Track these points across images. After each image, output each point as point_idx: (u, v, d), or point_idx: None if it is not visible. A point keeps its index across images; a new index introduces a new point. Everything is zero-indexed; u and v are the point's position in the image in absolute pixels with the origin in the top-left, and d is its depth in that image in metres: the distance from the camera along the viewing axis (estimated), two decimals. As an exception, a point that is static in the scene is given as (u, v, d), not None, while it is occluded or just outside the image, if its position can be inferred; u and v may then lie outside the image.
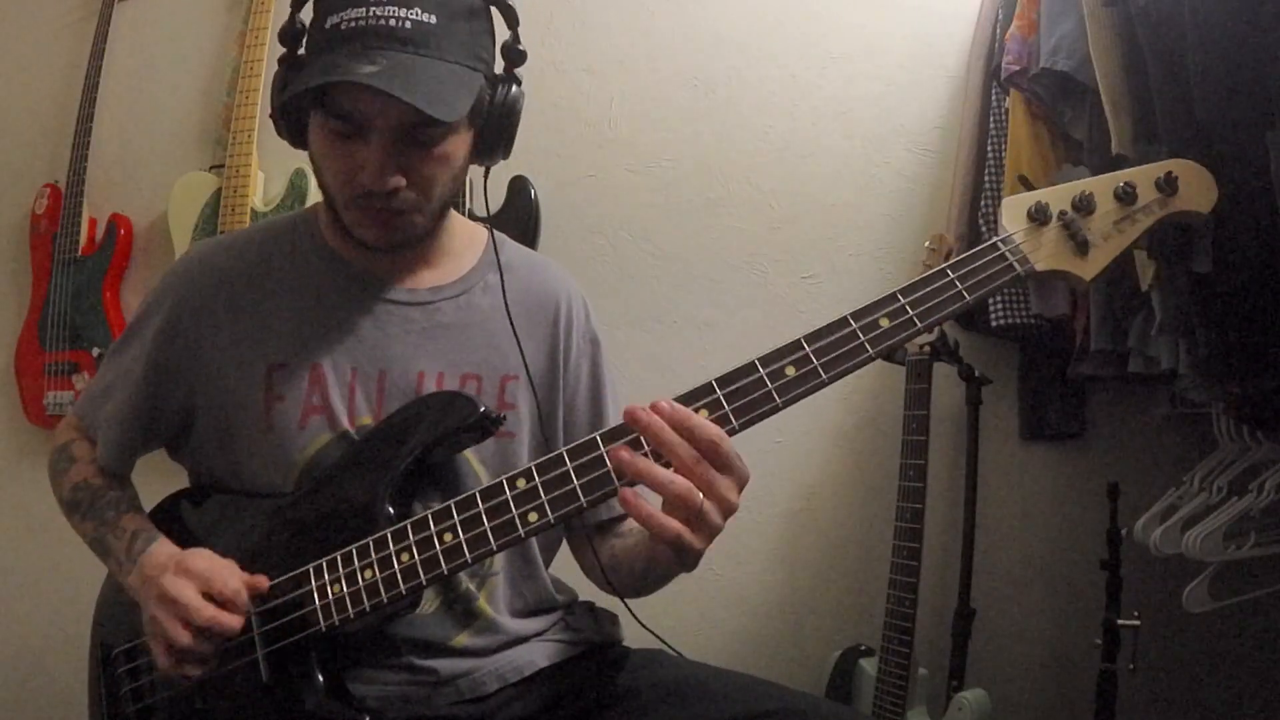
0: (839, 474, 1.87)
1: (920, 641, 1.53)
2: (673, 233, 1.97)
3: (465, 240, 1.08)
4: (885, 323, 0.80)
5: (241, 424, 0.99)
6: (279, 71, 0.96)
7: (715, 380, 0.80)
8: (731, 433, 0.79)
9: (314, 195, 2.02)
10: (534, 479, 0.81)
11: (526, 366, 1.03)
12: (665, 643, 1.06)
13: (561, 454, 0.81)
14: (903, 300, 0.81)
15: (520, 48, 0.99)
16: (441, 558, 0.83)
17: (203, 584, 0.86)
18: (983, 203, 1.67)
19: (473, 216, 1.91)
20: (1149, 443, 1.76)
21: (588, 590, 1.13)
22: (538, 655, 1.02)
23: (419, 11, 0.87)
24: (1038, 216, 0.83)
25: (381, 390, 0.98)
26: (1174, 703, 1.73)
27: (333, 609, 0.85)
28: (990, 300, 1.63)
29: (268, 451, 0.97)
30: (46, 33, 2.31)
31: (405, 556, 0.84)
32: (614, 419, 1.11)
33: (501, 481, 0.83)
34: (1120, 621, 1.43)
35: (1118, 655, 1.43)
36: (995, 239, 0.83)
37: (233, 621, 0.85)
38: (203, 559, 0.88)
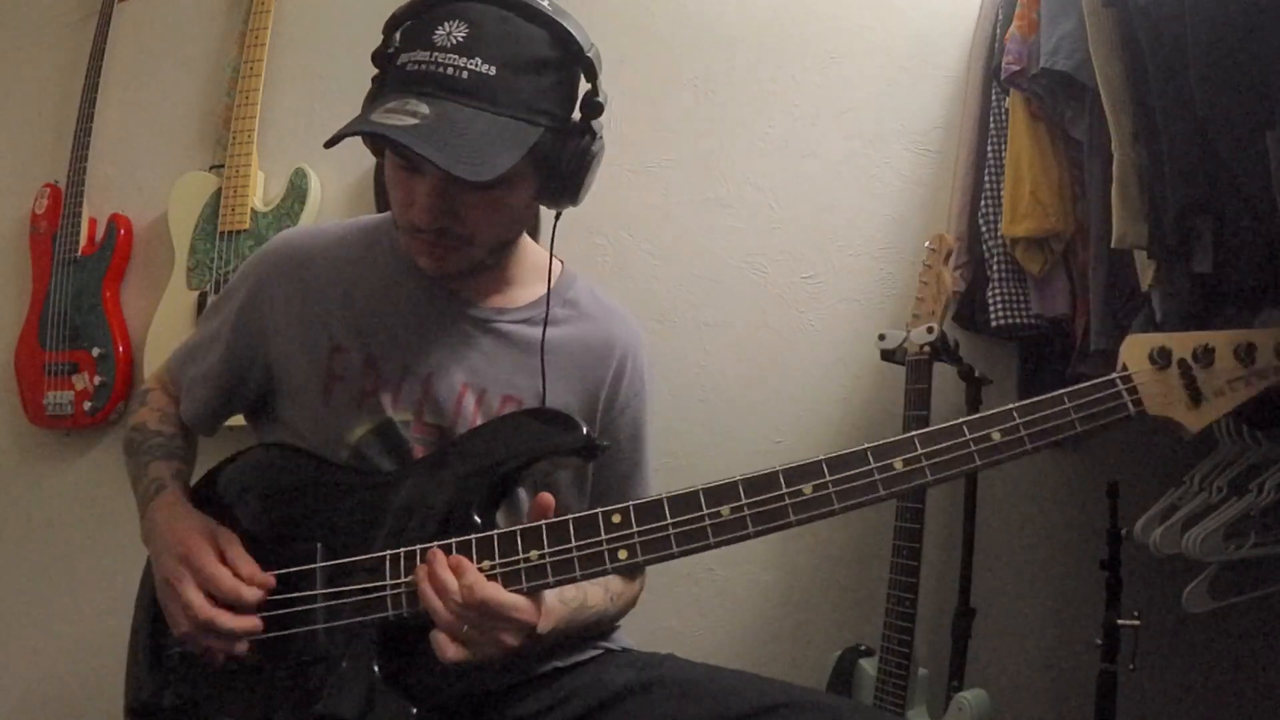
0: (839, 474, 1.87)
1: (920, 641, 1.53)
2: (673, 233, 1.96)
3: (538, 272, 1.12)
4: (997, 436, 0.84)
5: (305, 395, 1.05)
6: (370, 91, 0.99)
7: (825, 461, 0.86)
8: (830, 514, 0.84)
9: (314, 195, 2.02)
10: (631, 522, 0.85)
11: (544, 399, 1.05)
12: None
13: (662, 501, 0.85)
14: (1018, 419, 0.84)
15: (598, 100, 1.00)
16: (524, 574, 0.86)
17: (203, 580, 0.88)
18: (983, 203, 1.67)
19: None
20: (1149, 443, 1.75)
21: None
22: (554, 655, 1.05)
23: (479, 62, 0.89)
24: (1160, 360, 0.86)
25: (426, 392, 1.03)
26: (1174, 703, 1.73)
27: (404, 600, 0.88)
28: (990, 300, 1.63)
29: (323, 424, 1.03)
30: (46, 33, 2.31)
31: (486, 566, 0.86)
32: (650, 467, 1.19)
33: (598, 515, 0.87)
34: (1120, 621, 1.43)
35: (1118, 655, 1.43)
36: (1115, 375, 0.86)
37: (231, 623, 0.87)
38: (205, 551, 0.90)
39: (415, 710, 0.87)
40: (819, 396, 1.88)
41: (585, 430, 0.92)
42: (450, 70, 0.89)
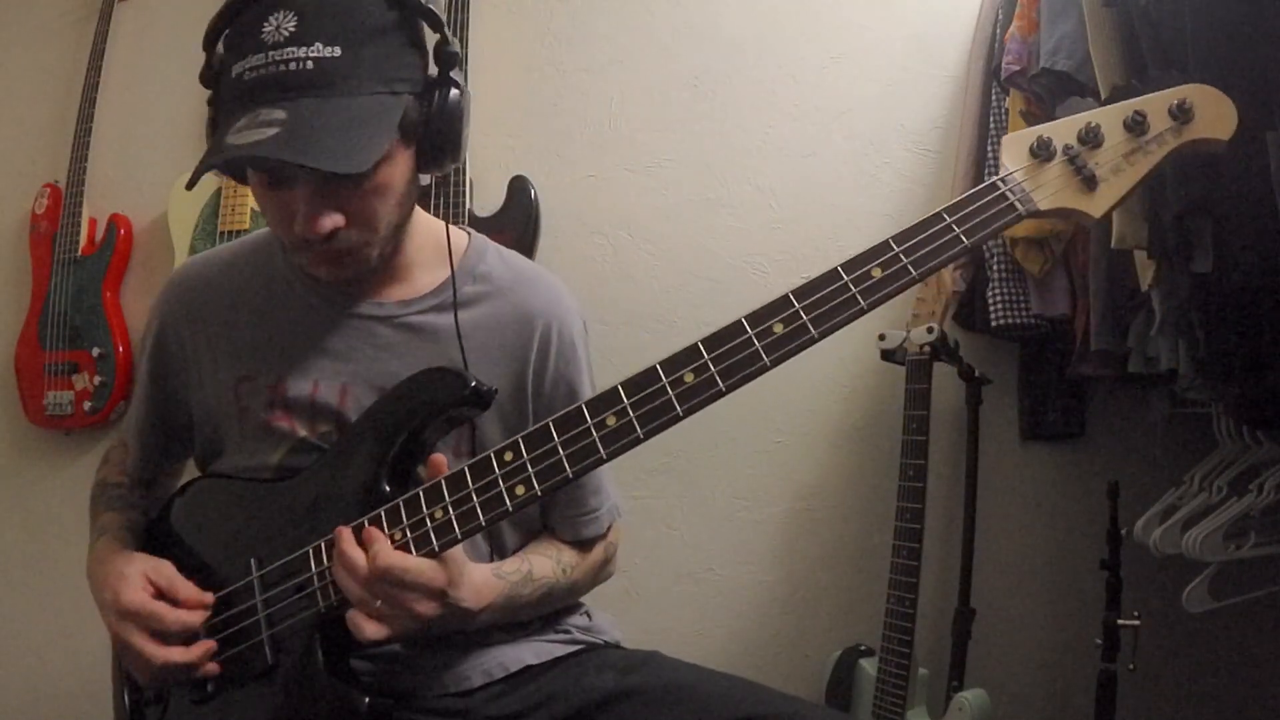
0: (839, 474, 1.87)
1: (920, 641, 1.53)
2: (673, 233, 1.97)
3: (438, 250, 1.03)
4: (878, 273, 0.76)
5: (223, 433, 1.03)
6: (209, 115, 0.91)
7: (702, 341, 0.79)
8: (719, 395, 0.78)
9: (314, 195, 2.02)
10: (521, 453, 0.81)
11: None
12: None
13: (548, 425, 0.81)
14: (897, 248, 0.76)
15: (451, 49, 0.91)
16: (433, 534, 0.83)
17: (144, 623, 0.89)
18: (983, 203, 1.67)
19: (472, 219, 1.92)
20: (1149, 443, 1.75)
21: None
22: (526, 653, 1.02)
23: (320, 46, 0.81)
24: (1040, 153, 0.78)
25: (342, 407, 0.98)
26: (1174, 703, 1.73)
27: (331, 589, 0.86)
28: (990, 300, 1.63)
29: (243, 457, 1.01)
30: (46, 33, 2.31)
31: (398, 535, 0.84)
32: None
33: (489, 455, 0.83)
34: (1120, 621, 1.43)
35: (1118, 655, 1.43)
36: (995, 178, 0.78)
37: (185, 657, 0.88)
38: (137, 594, 0.90)
39: (368, 700, 0.86)
40: (819, 396, 1.88)
41: (468, 377, 0.88)
42: (293, 65, 0.81)
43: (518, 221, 1.91)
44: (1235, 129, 0.76)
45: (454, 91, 0.91)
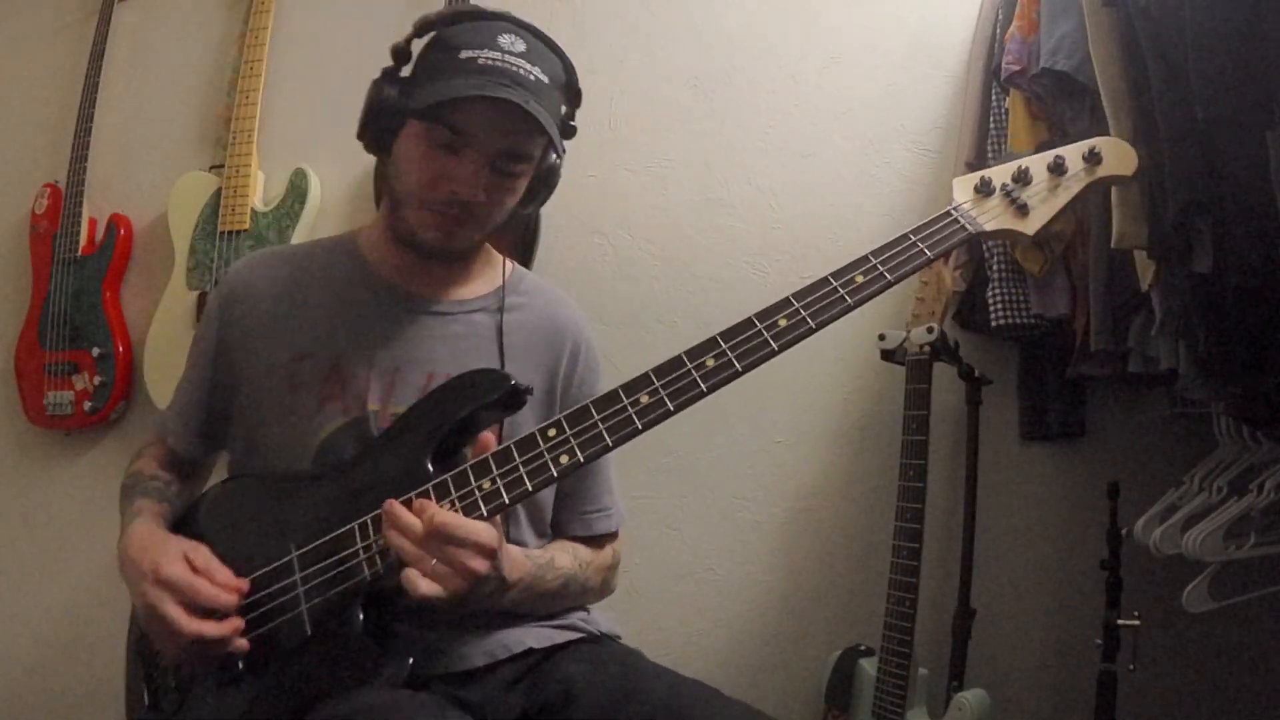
0: (839, 474, 1.87)
1: (920, 641, 1.53)
2: (673, 233, 1.97)
3: (489, 269, 1.22)
4: (860, 279, 0.95)
5: (268, 407, 1.09)
6: (383, 82, 1.08)
7: (719, 334, 0.92)
8: (736, 375, 0.91)
9: (314, 195, 2.02)
10: (564, 429, 0.92)
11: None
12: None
13: (587, 405, 0.92)
14: (874, 260, 0.96)
15: (573, 124, 1.16)
16: (481, 502, 0.90)
17: (181, 595, 0.90)
18: (983, 203, 1.67)
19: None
20: (1149, 443, 1.76)
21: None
22: (528, 637, 1.06)
23: (539, 71, 1.04)
24: (983, 189, 1.00)
25: (393, 385, 1.08)
26: (1174, 703, 1.73)
27: (377, 558, 0.90)
28: (990, 300, 1.64)
29: (286, 433, 1.07)
30: (46, 33, 2.31)
31: (446, 506, 0.90)
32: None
33: (535, 433, 0.92)
34: (1120, 621, 1.43)
35: (1118, 655, 1.43)
36: (949, 208, 1.00)
37: (217, 631, 0.89)
38: (177, 565, 0.92)
39: (411, 660, 0.89)
40: (819, 396, 1.88)
41: (510, 378, 0.99)
42: (522, 70, 1.02)
43: (518, 221, 1.91)
44: (1137, 169, 0.99)
45: (562, 157, 1.13)
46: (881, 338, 1.63)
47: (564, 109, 1.13)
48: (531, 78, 1.03)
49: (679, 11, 2.02)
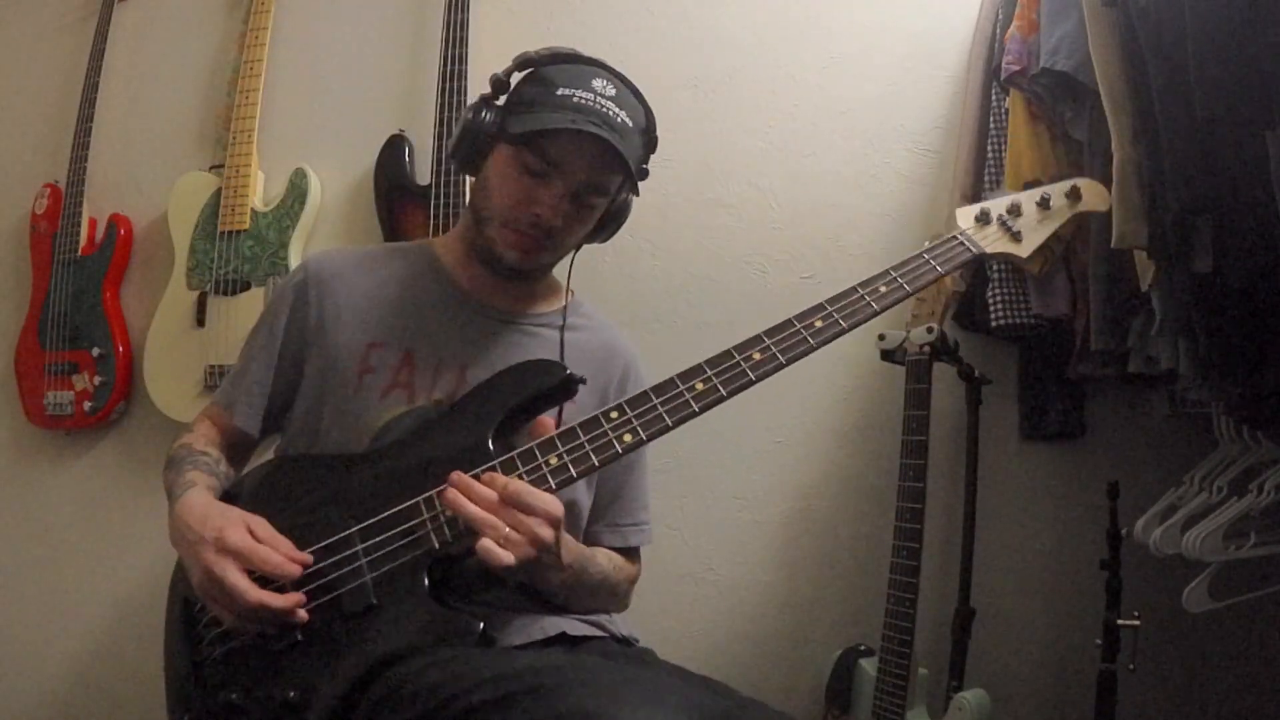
0: (839, 474, 1.87)
1: (920, 641, 1.53)
2: (673, 233, 1.97)
3: (552, 292, 1.33)
4: (884, 288, 1.11)
5: (334, 387, 1.15)
6: (481, 106, 1.17)
7: (763, 332, 1.05)
8: (780, 366, 1.03)
9: (314, 195, 2.02)
10: (626, 411, 1.00)
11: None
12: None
13: (646, 392, 1.01)
14: (895, 274, 1.12)
15: (645, 167, 1.25)
16: (549, 476, 0.97)
17: (246, 562, 0.92)
18: (983, 203, 1.68)
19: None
20: (1149, 443, 1.75)
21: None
22: (563, 624, 1.13)
23: (625, 115, 1.15)
24: (982, 219, 1.22)
25: (460, 381, 1.16)
26: (1174, 703, 1.73)
27: (445, 527, 0.94)
28: (990, 300, 1.64)
29: (349, 414, 1.13)
30: (46, 33, 2.31)
31: (515, 479, 0.95)
32: (648, 464, 1.38)
33: (597, 414, 1.00)
34: (1120, 621, 1.43)
35: (1118, 655, 1.43)
36: (954, 233, 1.19)
37: (280, 602, 0.90)
38: (241, 533, 0.93)
39: (482, 625, 0.91)
40: (819, 396, 1.88)
41: (565, 368, 1.08)
42: (610, 112, 1.13)
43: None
44: (1107, 207, 1.21)
45: (633, 198, 1.25)
46: (881, 338, 1.63)
47: (641, 153, 1.21)
48: (619, 120, 1.13)
49: (679, 12, 2.02)
